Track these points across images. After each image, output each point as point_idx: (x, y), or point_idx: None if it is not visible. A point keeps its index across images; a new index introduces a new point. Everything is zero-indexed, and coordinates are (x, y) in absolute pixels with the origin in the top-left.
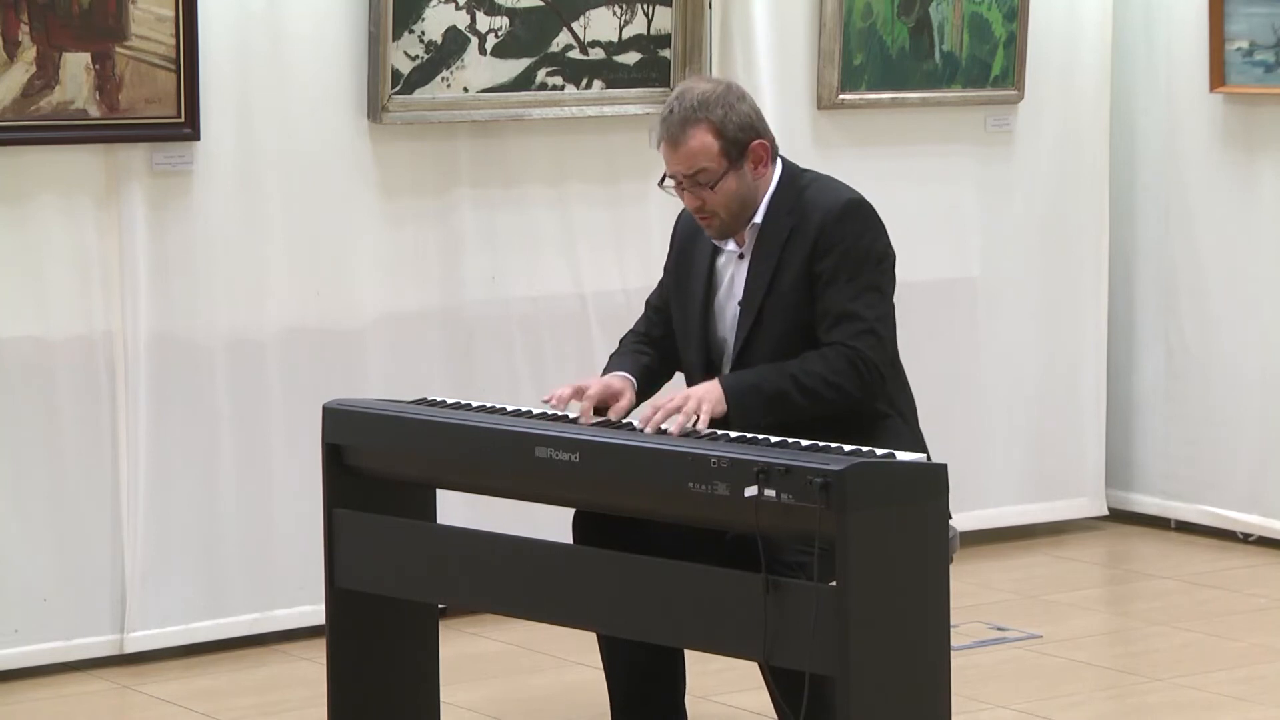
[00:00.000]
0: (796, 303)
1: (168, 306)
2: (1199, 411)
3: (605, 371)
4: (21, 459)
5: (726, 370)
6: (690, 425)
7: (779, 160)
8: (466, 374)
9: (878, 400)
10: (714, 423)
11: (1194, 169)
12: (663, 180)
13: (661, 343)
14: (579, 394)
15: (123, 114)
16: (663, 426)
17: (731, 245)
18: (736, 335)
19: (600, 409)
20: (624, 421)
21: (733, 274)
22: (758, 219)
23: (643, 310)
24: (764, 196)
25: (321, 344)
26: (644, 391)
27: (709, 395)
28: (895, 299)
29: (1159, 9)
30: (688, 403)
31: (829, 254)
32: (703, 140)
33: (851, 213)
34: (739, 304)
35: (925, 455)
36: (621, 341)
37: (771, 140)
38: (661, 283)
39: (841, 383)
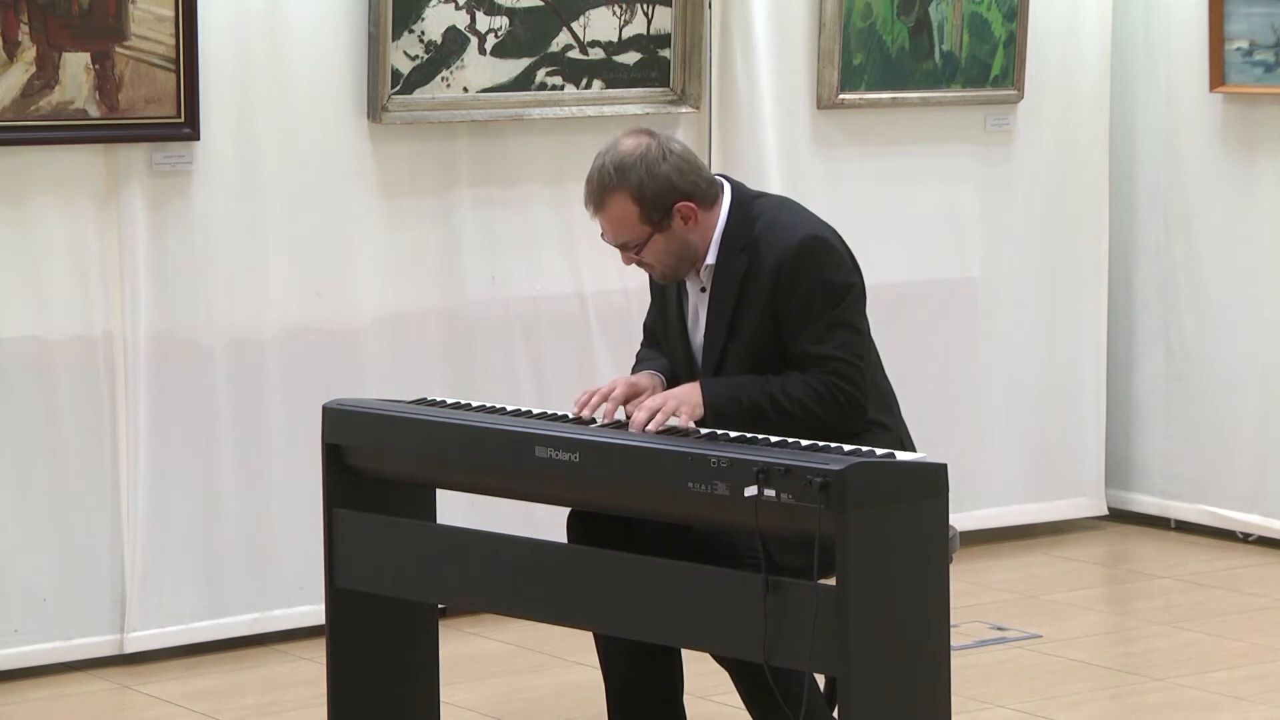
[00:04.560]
0: (760, 341)
1: (168, 306)
2: (1199, 411)
3: (635, 369)
4: (21, 459)
5: None
6: (666, 424)
7: (728, 189)
8: (466, 374)
9: (855, 422)
10: (709, 421)
11: (1194, 169)
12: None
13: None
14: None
15: (123, 114)
16: (647, 428)
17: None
18: (703, 370)
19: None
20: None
21: (697, 306)
22: (710, 259)
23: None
24: (713, 235)
25: (321, 344)
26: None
27: (689, 399)
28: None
29: (1159, 9)
30: (667, 403)
31: (791, 296)
32: (621, 207)
33: (807, 252)
34: (704, 338)
35: (913, 450)
36: (637, 355)
37: (704, 188)
38: (650, 307)
39: (818, 411)
